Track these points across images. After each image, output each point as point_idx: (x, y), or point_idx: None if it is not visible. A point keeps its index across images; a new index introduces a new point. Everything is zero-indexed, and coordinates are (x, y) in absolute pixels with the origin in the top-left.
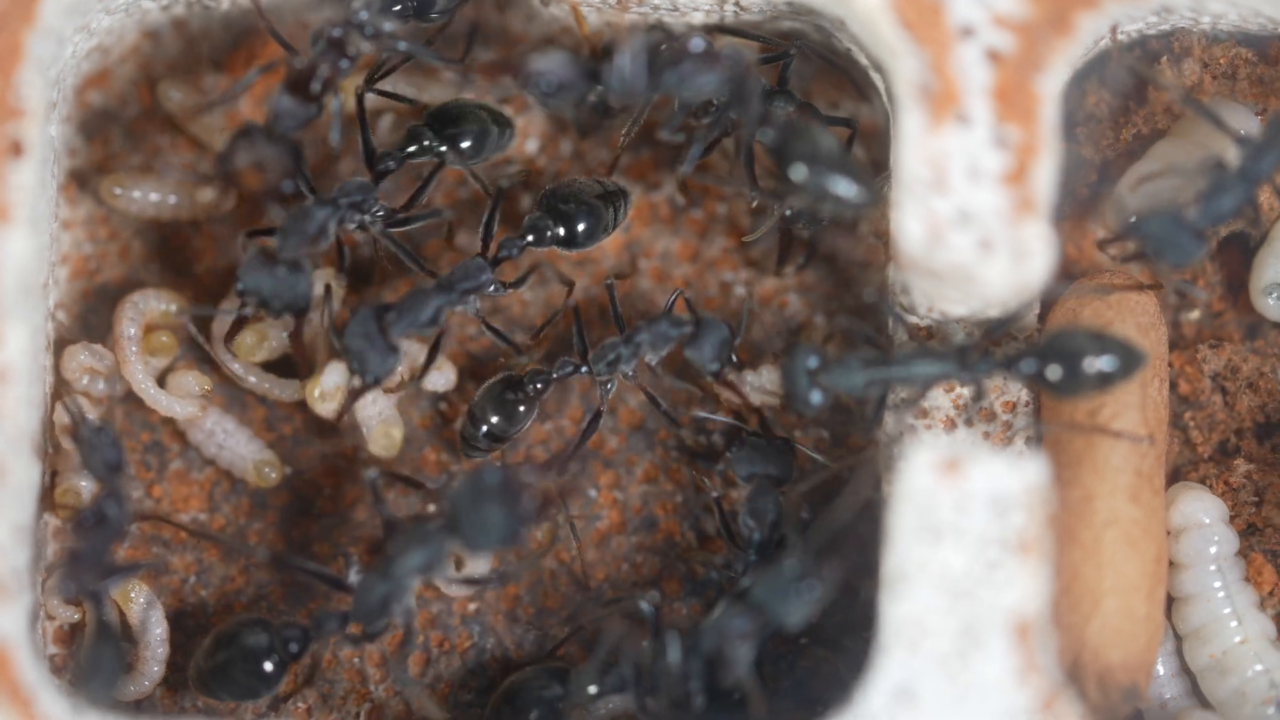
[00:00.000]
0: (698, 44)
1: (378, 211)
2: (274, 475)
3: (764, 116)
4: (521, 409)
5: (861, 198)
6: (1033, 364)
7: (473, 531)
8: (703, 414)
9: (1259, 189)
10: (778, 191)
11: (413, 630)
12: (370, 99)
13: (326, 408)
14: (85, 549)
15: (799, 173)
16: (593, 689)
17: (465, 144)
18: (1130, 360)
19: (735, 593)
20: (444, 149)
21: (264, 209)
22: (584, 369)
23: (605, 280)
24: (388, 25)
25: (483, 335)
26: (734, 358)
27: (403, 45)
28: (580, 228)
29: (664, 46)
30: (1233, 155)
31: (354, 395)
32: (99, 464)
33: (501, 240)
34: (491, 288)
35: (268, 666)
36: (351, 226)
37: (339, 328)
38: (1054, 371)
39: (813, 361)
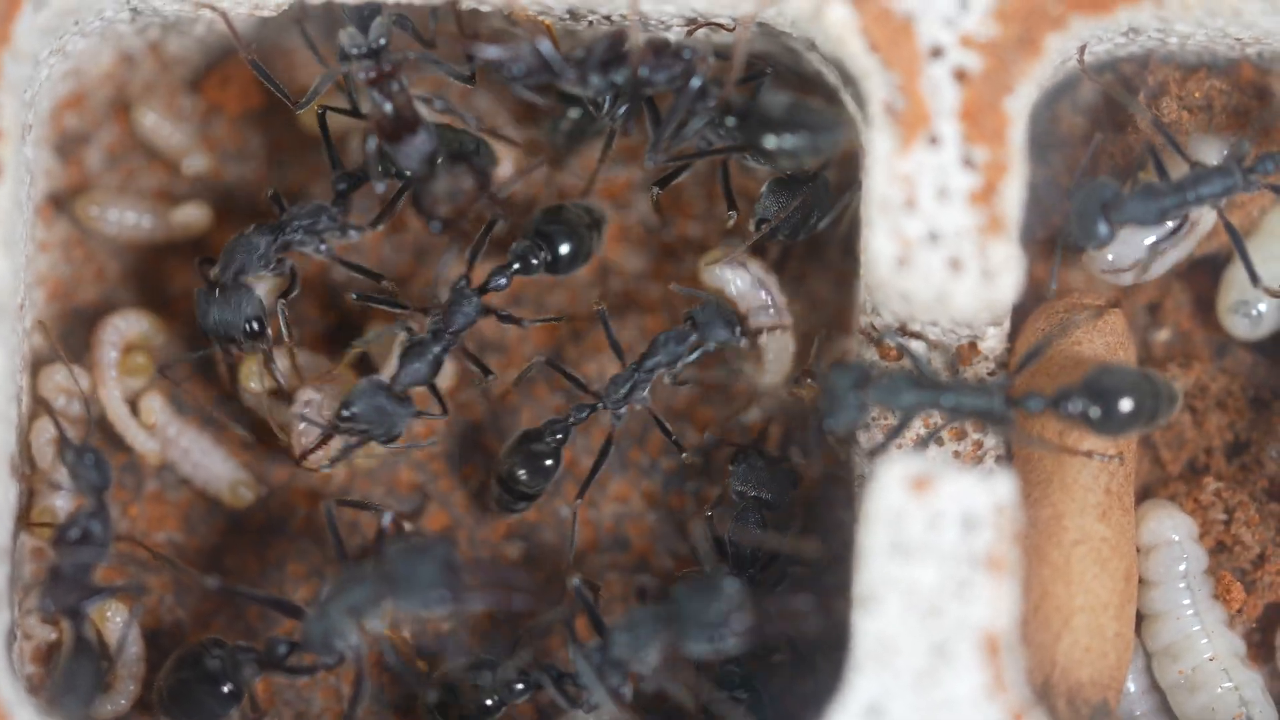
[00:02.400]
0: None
1: (332, 232)
2: (249, 495)
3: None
4: (549, 462)
5: (835, 138)
6: (1079, 404)
7: (403, 590)
8: (713, 438)
9: (1188, 208)
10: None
11: (362, 667)
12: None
13: (253, 385)
14: (67, 566)
15: (771, 142)
16: (519, 686)
17: (564, 250)
18: (1168, 400)
19: (665, 598)
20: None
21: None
22: (600, 406)
23: (596, 306)
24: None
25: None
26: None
27: (412, 55)
28: (565, 253)
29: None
30: (1180, 173)
31: (351, 447)
32: (85, 484)
33: (491, 271)
34: (483, 315)
35: (225, 688)
36: (307, 250)
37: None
38: (1095, 412)
39: (856, 378)
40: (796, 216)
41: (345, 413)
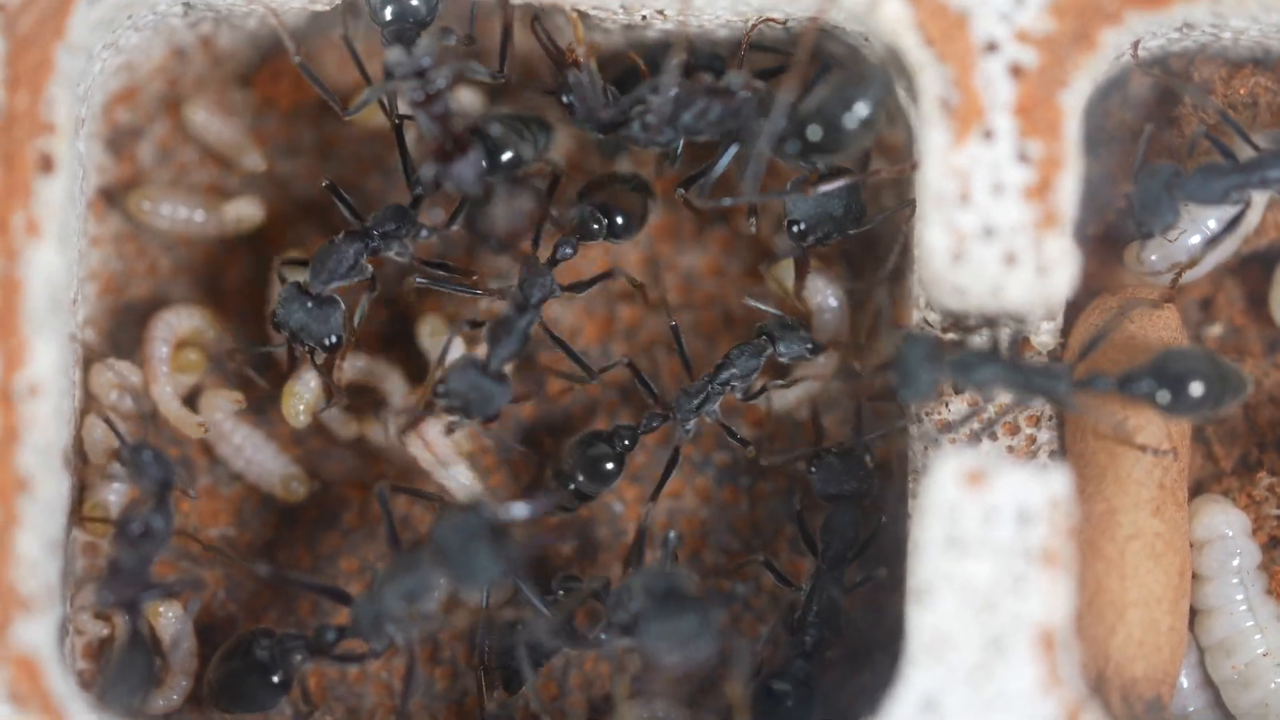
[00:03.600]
0: (735, 80)
1: (416, 235)
2: (300, 489)
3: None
4: (610, 466)
5: (870, 106)
6: (1148, 385)
7: (457, 568)
8: (780, 456)
9: (1252, 189)
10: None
11: (414, 656)
12: None
13: (299, 417)
14: (128, 560)
15: (815, 133)
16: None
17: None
18: (1237, 385)
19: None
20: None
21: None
22: (671, 418)
23: (670, 323)
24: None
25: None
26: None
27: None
28: (621, 219)
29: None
30: (1243, 153)
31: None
32: (149, 481)
33: (556, 242)
34: (556, 293)
35: (274, 678)
36: (391, 253)
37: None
38: (1164, 396)
39: (928, 351)
40: (828, 217)
41: (441, 388)
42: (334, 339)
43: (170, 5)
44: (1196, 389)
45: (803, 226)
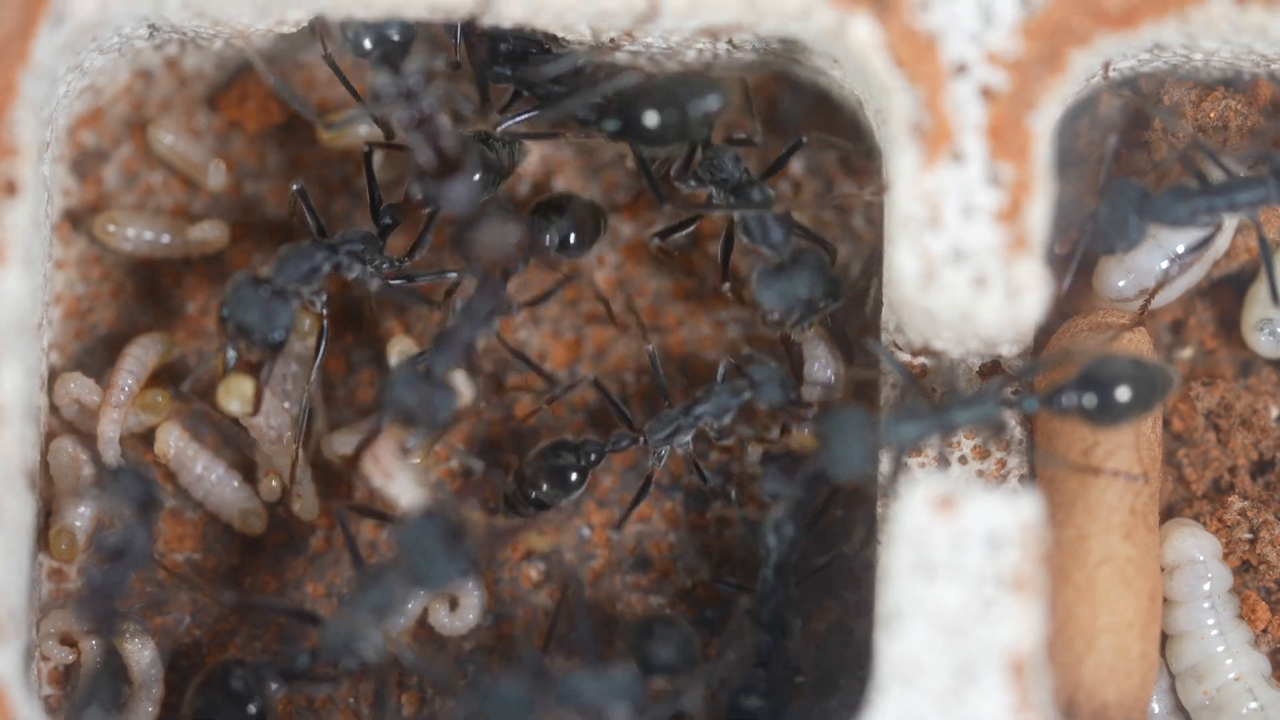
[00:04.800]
0: None
1: (381, 264)
2: (258, 524)
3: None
4: (573, 477)
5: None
6: (1074, 397)
7: (419, 572)
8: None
9: (1221, 212)
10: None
11: (383, 674)
12: None
13: (232, 406)
14: (104, 579)
15: (652, 119)
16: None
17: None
18: (1161, 382)
19: None
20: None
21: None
22: (641, 441)
23: (647, 347)
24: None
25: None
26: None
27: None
28: (572, 236)
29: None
30: (1214, 176)
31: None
32: (130, 503)
33: None
34: (512, 309)
35: (251, 708)
36: (351, 276)
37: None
38: (1090, 400)
39: (857, 423)
40: (799, 301)
41: (384, 399)
42: (278, 336)
43: (135, 28)
44: (1123, 394)
45: (776, 316)
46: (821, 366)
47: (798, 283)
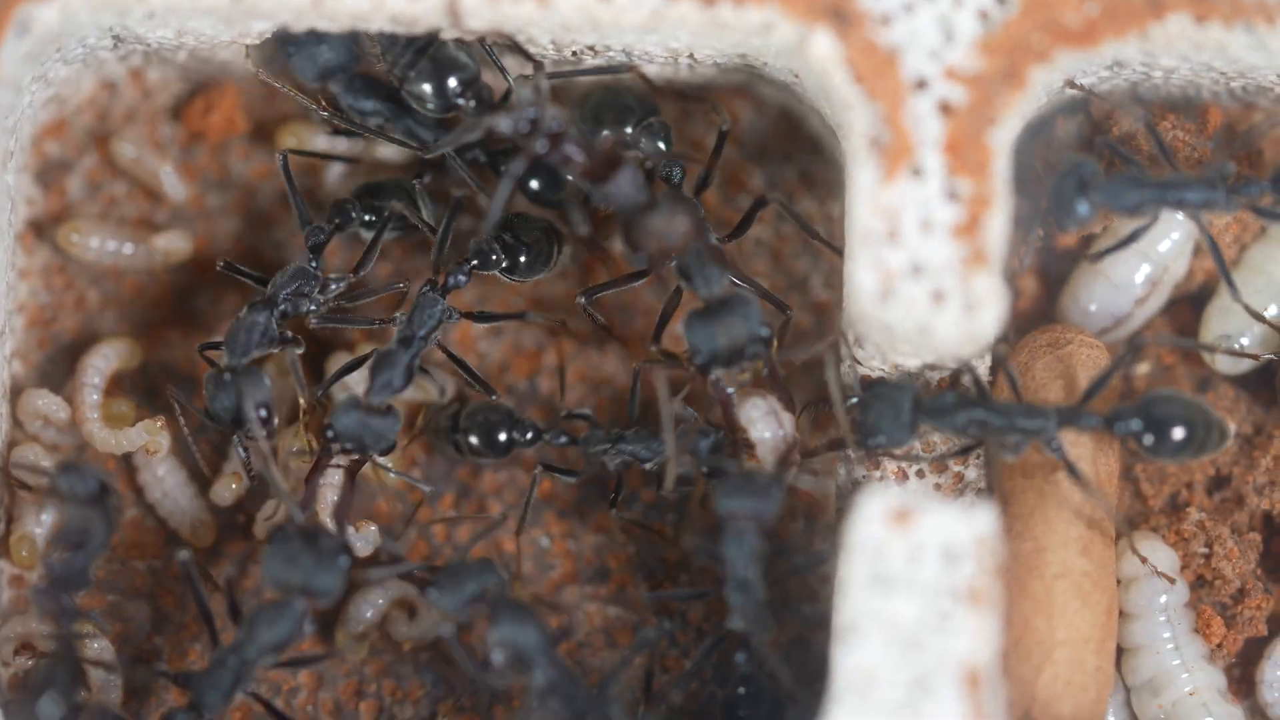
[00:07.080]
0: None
1: (327, 288)
2: (207, 537)
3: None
4: (502, 439)
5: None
6: (1134, 425)
7: (312, 586)
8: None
9: (1165, 206)
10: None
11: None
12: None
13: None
14: (65, 568)
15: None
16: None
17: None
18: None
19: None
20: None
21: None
22: (575, 445)
23: (634, 366)
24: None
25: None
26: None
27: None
28: (523, 257)
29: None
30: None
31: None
32: (80, 500)
33: (447, 270)
34: (452, 318)
35: None
36: (303, 311)
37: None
38: (1149, 438)
39: (909, 398)
40: (730, 345)
41: (330, 432)
42: (264, 413)
43: (100, 38)
44: (1180, 434)
45: (702, 360)
46: (760, 428)
47: (727, 326)
